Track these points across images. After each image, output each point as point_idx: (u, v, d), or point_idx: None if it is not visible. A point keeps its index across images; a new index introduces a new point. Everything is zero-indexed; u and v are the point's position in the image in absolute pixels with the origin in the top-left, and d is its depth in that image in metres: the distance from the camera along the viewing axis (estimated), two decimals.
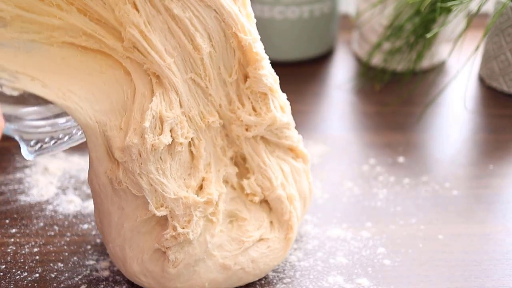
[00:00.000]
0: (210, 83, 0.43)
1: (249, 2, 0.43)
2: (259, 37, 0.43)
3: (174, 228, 0.42)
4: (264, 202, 0.47)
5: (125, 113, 0.40)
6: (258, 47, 0.43)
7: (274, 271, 0.48)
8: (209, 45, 0.41)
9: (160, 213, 0.42)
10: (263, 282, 0.47)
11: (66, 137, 0.47)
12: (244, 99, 0.44)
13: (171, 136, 0.41)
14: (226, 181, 0.46)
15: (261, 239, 0.46)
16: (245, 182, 0.46)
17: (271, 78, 0.44)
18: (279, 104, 0.46)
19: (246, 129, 0.45)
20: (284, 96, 0.46)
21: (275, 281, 0.47)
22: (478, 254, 0.49)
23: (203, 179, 0.44)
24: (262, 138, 0.46)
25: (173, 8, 0.39)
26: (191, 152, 0.43)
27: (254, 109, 0.45)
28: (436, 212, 0.54)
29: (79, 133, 0.47)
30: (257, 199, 0.46)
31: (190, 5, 0.40)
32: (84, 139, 0.46)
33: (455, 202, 0.55)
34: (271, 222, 0.47)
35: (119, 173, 0.41)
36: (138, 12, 0.39)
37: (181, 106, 0.42)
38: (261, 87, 0.44)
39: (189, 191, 0.42)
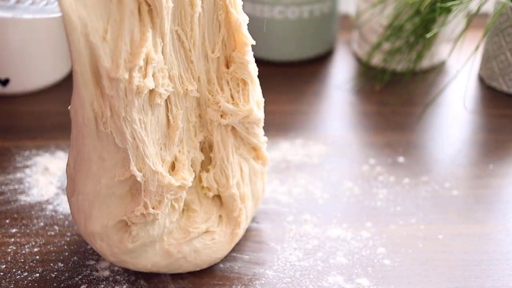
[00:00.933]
0: (194, 48, 0.41)
1: None
2: (247, 20, 0.42)
3: (146, 206, 0.41)
4: (216, 196, 0.48)
5: (108, 20, 0.36)
6: (246, 30, 0.42)
7: (274, 271, 0.48)
8: (200, 5, 0.40)
9: (139, 177, 0.41)
10: (263, 282, 0.47)
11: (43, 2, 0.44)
12: (224, 84, 0.44)
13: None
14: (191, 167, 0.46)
15: (207, 231, 0.47)
16: (204, 175, 0.46)
17: (255, 67, 0.44)
18: (257, 100, 0.46)
19: (221, 116, 0.44)
20: (260, 90, 0.46)
21: (275, 281, 0.47)
22: (478, 254, 0.49)
23: (175, 159, 0.43)
24: (233, 129, 0.46)
25: None
26: (167, 117, 0.42)
27: (232, 97, 0.44)
28: (436, 212, 0.54)
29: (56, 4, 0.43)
30: (211, 194, 0.47)
31: None
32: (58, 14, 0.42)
33: (455, 202, 0.55)
34: (220, 216, 0.48)
35: (107, 111, 0.38)
36: None
37: (163, 56, 0.40)
38: (244, 75, 0.43)
39: (163, 167, 0.42)
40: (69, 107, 0.39)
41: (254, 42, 0.43)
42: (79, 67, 0.36)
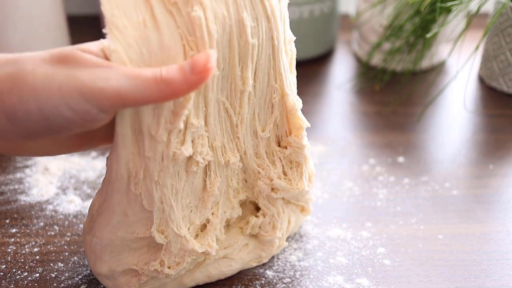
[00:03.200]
0: (242, 124, 0.40)
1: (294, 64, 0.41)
2: (301, 103, 0.41)
3: (162, 264, 0.41)
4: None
5: None
6: (301, 113, 0.41)
7: (274, 271, 0.48)
8: (252, 85, 0.39)
9: (159, 240, 0.40)
10: (263, 282, 0.47)
11: None
12: (276, 161, 0.43)
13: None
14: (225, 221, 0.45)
15: (224, 257, 0.46)
16: (252, 219, 0.45)
17: (309, 148, 0.43)
18: (308, 173, 0.45)
19: (272, 189, 0.44)
20: (312, 162, 0.45)
21: (275, 281, 0.47)
22: (478, 254, 0.49)
23: (207, 221, 0.42)
24: None
25: (244, 18, 0.36)
26: (204, 181, 0.41)
27: (284, 174, 0.43)
28: (436, 212, 0.54)
29: None
30: (248, 231, 0.46)
31: (260, 29, 0.37)
32: None
33: (455, 202, 0.55)
34: (246, 244, 0.47)
35: (141, 171, 0.38)
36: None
37: (205, 124, 0.38)
38: (300, 158, 0.43)
39: (190, 229, 0.41)
40: (106, 156, 0.39)
41: (309, 125, 0.42)
42: (121, 129, 0.36)
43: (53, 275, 0.47)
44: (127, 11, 0.34)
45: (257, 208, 0.47)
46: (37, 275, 0.47)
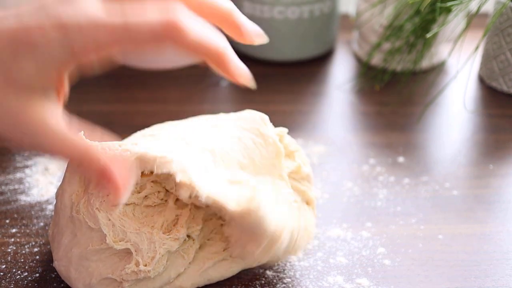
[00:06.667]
0: None
1: None
2: None
3: (137, 264, 0.40)
4: None
5: None
6: None
7: (274, 271, 0.48)
8: None
9: (119, 247, 0.40)
10: (263, 282, 0.47)
11: None
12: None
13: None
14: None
15: (224, 260, 0.45)
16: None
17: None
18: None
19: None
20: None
21: (275, 281, 0.47)
22: (478, 254, 0.49)
23: (176, 215, 0.42)
24: None
25: None
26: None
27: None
28: (436, 212, 0.54)
29: None
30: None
31: None
32: None
33: (455, 202, 0.55)
34: None
35: (81, 201, 0.41)
36: None
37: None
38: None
39: (154, 228, 0.41)
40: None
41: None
42: (69, 175, 0.43)
43: (53, 275, 0.46)
44: None
45: None
46: (37, 275, 0.47)
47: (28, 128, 0.32)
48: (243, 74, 0.35)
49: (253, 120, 0.45)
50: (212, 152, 0.42)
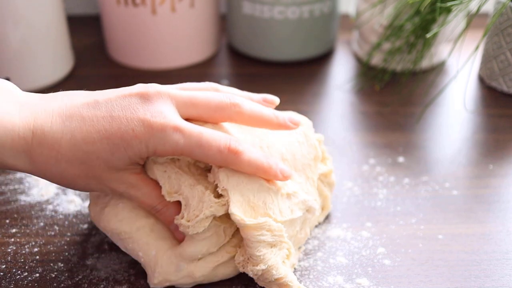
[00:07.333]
0: None
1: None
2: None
3: (182, 216, 0.43)
4: None
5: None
6: None
7: None
8: None
9: (172, 199, 0.43)
10: None
11: None
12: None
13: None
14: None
15: (232, 258, 0.45)
16: (236, 257, 0.45)
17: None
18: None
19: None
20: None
21: None
22: (478, 254, 0.49)
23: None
24: None
25: None
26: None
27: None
28: (436, 212, 0.54)
29: None
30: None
31: None
32: None
33: (455, 202, 0.55)
34: None
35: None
36: None
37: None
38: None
39: (207, 189, 0.43)
40: None
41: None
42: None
43: (53, 275, 0.47)
44: None
45: None
46: (37, 275, 0.47)
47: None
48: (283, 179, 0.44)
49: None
50: (259, 138, 0.46)
